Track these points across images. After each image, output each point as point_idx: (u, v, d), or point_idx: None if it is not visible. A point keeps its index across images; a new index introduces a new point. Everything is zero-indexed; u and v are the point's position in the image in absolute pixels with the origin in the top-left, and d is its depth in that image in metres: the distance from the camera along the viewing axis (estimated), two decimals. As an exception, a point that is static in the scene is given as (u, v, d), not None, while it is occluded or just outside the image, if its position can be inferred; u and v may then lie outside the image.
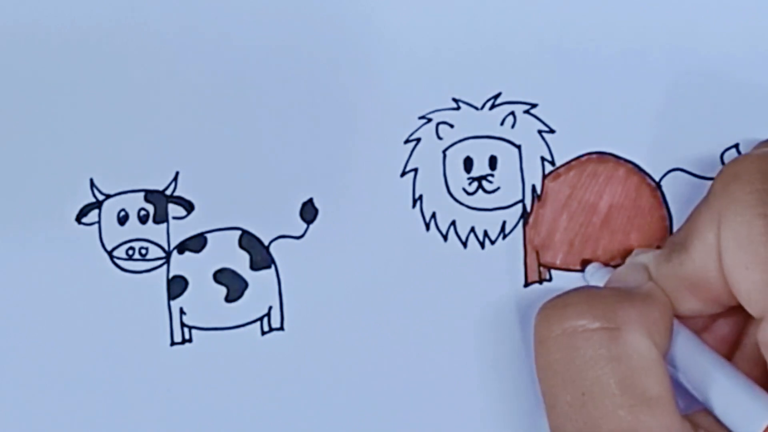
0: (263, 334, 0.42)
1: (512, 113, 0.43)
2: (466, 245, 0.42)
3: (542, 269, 0.42)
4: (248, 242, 0.42)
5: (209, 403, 0.42)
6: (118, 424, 0.42)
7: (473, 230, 0.42)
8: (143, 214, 0.42)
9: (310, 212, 0.42)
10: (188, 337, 0.42)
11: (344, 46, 0.43)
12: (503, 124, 0.43)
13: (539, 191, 0.42)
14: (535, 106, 0.43)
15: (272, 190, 0.42)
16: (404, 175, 0.43)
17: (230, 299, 0.42)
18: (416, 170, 0.42)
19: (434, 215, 0.42)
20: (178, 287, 0.42)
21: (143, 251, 0.42)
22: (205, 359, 0.42)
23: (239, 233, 0.42)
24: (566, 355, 0.37)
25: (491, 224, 0.42)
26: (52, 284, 0.42)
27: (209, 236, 0.42)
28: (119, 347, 0.42)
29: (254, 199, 0.42)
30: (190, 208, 0.42)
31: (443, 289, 0.42)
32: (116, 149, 0.42)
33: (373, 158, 0.42)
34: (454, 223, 0.42)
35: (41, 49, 0.43)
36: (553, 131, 0.43)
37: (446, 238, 0.42)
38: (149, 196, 0.42)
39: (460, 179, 0.43)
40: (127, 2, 0.43)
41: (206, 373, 0.42)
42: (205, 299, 0.42)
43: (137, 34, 0.43)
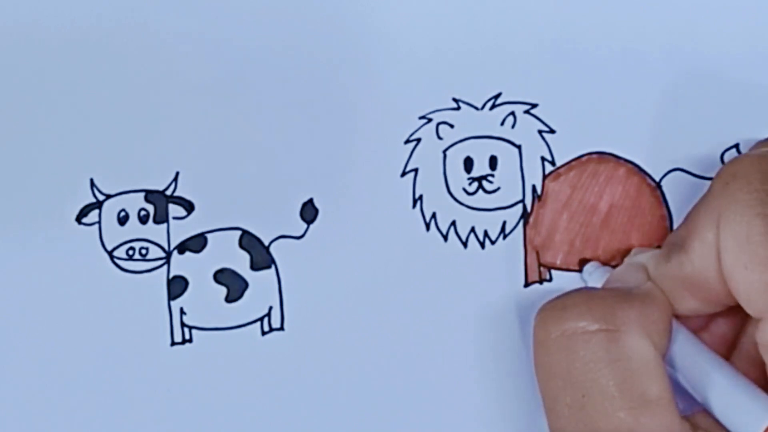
0: (263, 334, 0.42)
1: (512, 113, 0.43)
2: (466, 245, 0.42)
3: (542, 269, 0.42)
4: (248, 242, 0.42)
5: (209, 403, 0.42)
6: (118, 424, 0.42)
7: (473, 230, 0.42)
8: (143, 214, 0.42)
9: (310, 212, 0.42)
10: (188, 337, 0.42)
11: (344, 46, 0.43)
12: (503, 124, 0.43)
13: (539, 191, 0.42)
14: (535, 106, 0.43)
15: (272, 190, 0.42)
16: (404, 175, 0.43)
17: (230, 299, 0.42)
18: (416, 170, 0.42)
19: (434, 215, 0.42)
20: (178, 287, 0.42)
21: (143, 251, 0.42)
22: (205, 359, 0.42)
23: (239, 233, 0.42)
24: (565, 357, 0.37)
25: (491, 224, 0.42)
26: (52, 284, 0.42)
27: (209, 236, 0.42)
28: (119, 347, 0.42)
29: (254, 199, 0.42)
30: (190, 208, 0.42)
31: (443, 289, 0.42)
32: (116, 149, 0.42)
33: (373, 158, 0.42)
34: (454, 223, 0.42)
35: (41, 49, 0.43)
36: (553, 131, 0.43)
37: (446, 238, 0.42)
38: (149, 196, 0.42)
39: (460, 179, 0.43)
40: (127, 2, 0.43)
41: (206, 373, 0.42)
42: (205, 299, 0.42)
43: (137, 34, 0.43)
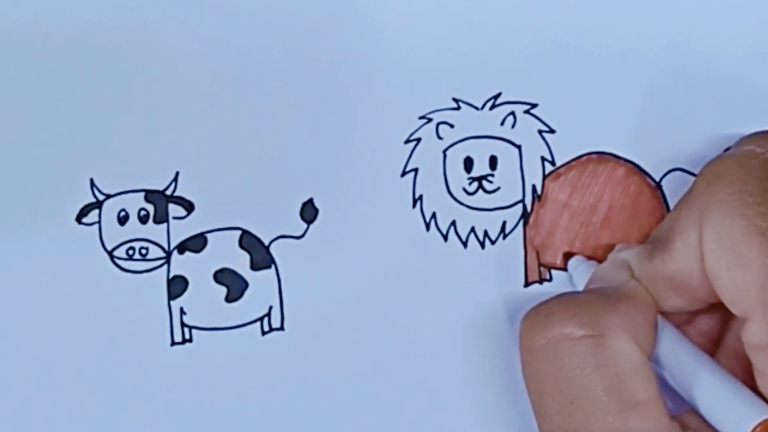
0: (263, 334, 0.42)
1: (512, 113, 0.43)
2: (466, 245, 0.42)
3: (542, 269, 0.42)
4: (248, 242, 0.42)
5: (209, 403, 0.42)
6: (118, 424, 0.42)
7: (473, 230, 0.42)
8: (143, 214, 0.42)
9: (310, 212, 0.42)
10: (188, 337, 0.42)
11: (344, 46, 0.43)
12: (503, 124, 0.43)
13: (539, 191, 0.42)
14: (535, 106, 0.43)
15: (272, 190, 0.42)
16: (404, 175, 0.43)
17: (230, 299, 0.42)
18: (416, 170, 0.42)
19: (434, 215, 0.42)
20: (178, 287, 0.42)
21: (143, 251, 0.42)
22: (205, 359, 0.42)
23: (239, 233, 0.42)
24: (552, 364, 0.37)
25: (491, 224, 0.42)
26: (52, 284, 0.42)
27: (209, 236, 0.42)
28: (119, 347, 0.42)
29: (254, 199, 0.42)
30: (190, 208, 0.42)
31: (443, 289, 0.42)
32: (116, 149, 0.42)
33: (373, 158, 0.42)
34: (454, 223, 0.42)
35: (41, 49, 0.43)
36: (553, 131, 0.43)
37: (446, 238, 0.42)
38: (149, 196, 0.42)
39: (460, 179, 0.43)
40: (127, 2, 0.43)
41: (206, 373, 0.42)
42: (205, 299, 0.42)
43: (137, 34, 0.43)
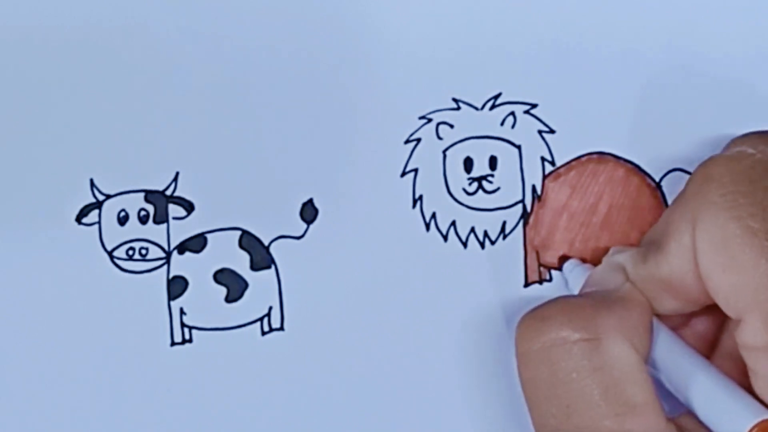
0: (263, 334, 0.42)
1: (512, 113, 0.43)
2: (466, 245, 0.42)
3: (542, 269, 0.42)
4: (248, 242, 0.42)
5: (209, 403, 0.42)
6: (118, 424, 0.42)
7: (473, 230, 0.42)
8: (143, 214, 0.42)
9: (310, 212, 0.42)
10: (188, 337, 0.42)
11: (344, 46, 0.43)
12: (503, 124, 0.43)
13: (539, 191, 0.42)
14: (535, 106, 0.43)
15: (272, 190, 0.42)
16: (404, 175, 0.43)
17: (230, 299, 0.42)
18: (416, 170, 0.42)
19: (434, 215, 0.42)
20: (178, 287, 0.42)
21: (143, 251, 0.42)
22: (205, 359, 0.42)
23: (239, 233, 0.42)
24: (548, 368, 0.37)
25: (491, 224, 0.42)
26: (52, 284, 0.42)
27: (209, 236, 0.42)
28: (119, 347, 0.42)
29: (254, 199, 0.42)
30: (190, 208, 0.42)
31: (443, 289, 0.42)
32: (116, 149, 0.42)
33: (373, 158, 0.42)
34: (454, 223, 0.42)
35: (41, 49, 0.42)
36: (553, 131, 0.43)
37: (446, 238, 0.42)
38: (149, 196, 0.42)
39: (460, 179, 0.43)
40: (127, 2, 0.43)
41: (206, 373, 0.42)
42: (205, 299, 0.42)
43: (137, 34, 0.43)
